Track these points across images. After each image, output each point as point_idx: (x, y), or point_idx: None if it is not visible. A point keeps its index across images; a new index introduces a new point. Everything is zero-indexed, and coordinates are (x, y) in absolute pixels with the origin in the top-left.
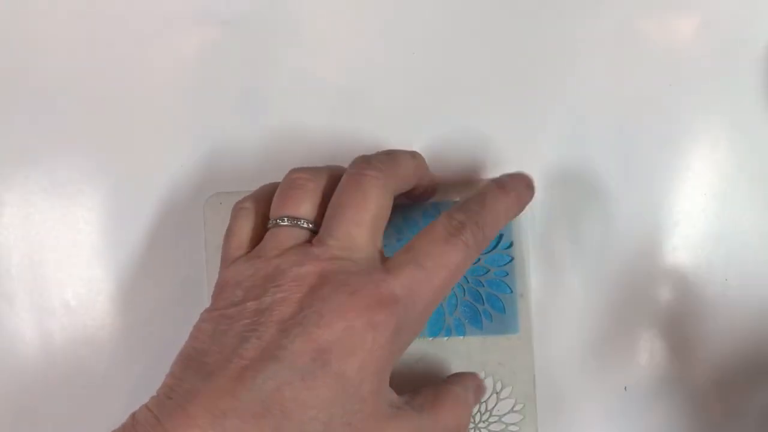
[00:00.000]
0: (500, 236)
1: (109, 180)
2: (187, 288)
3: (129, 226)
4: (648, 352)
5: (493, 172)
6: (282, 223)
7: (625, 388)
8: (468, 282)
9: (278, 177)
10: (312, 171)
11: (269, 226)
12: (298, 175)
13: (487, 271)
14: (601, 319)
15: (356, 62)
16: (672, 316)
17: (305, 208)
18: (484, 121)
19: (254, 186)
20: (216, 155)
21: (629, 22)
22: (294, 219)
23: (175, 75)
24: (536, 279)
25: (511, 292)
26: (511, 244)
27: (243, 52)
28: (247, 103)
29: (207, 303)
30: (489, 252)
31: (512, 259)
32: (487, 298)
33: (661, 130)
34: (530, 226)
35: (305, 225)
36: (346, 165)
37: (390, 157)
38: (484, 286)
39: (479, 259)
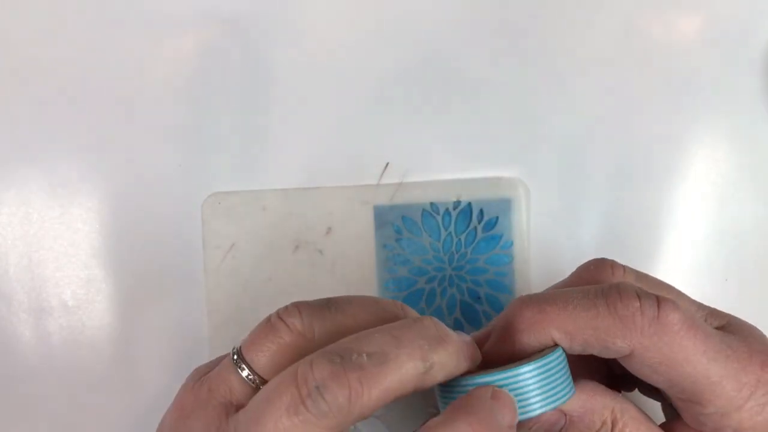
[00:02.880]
0: (500, 236)
1: (107, 180)
2: (185, 289)
3: (127, 226)
4: None
5: (493, 172)
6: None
7: None
8: (467, 282)
9: (278, 177)
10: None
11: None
12: (289, 319)
13: (487, 271)
14: None
15: (356, 62)
16: None
17: (263, 360)
18: (484, 121)
19: (253, 186)
20: (214, 155)
21: (630, 22)
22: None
23: (175, 75)
24: (537, 279)
25: (511, 292)
26: (511, 244)
27: (243, 52)
28: (246, 104)
29: (205, 303)
30: (489, 252)
31: (512, 259)
32: (487, 298)
33: (661, 130)
34: (530, 226)
35: (250, 379)
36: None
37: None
38: (483, 286)
39: (478, 259)
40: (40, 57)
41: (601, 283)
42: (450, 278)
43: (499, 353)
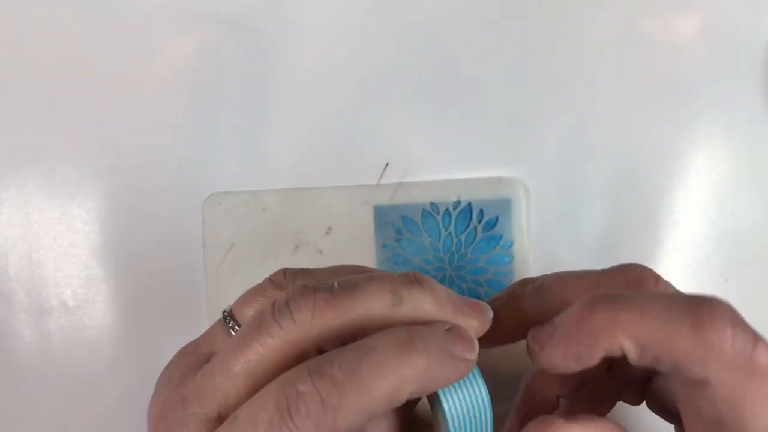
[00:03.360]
0: (500, 236)
1: (107, 180)
2: (185, 288)
3: (127, 226)
4: None
5: (493, 172)
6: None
7: None
8: (467, 282)
9: (278, 177)
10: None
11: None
12: (274, 277)
13: (487, 271)
14: None
15: (356, 62)
16: None
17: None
18: (484, 121)
19: (253, 186)
20: (214, 155)
21: (630, 22)
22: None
23: (175, 75)
24: None
25: None
26: (511, 244)
27: (243, 52)
28: (246, 103)
29: (205, 303)
30: (489, 252)
31: (512, 259)
32: (487, 297)
33: (661, 130)
34: (530, 226)
35: (234, 331)
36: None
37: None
38: (483, 285)
39: (478, 259)
40: (40, 57)
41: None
42: (450, 278)
43: (564, 356)
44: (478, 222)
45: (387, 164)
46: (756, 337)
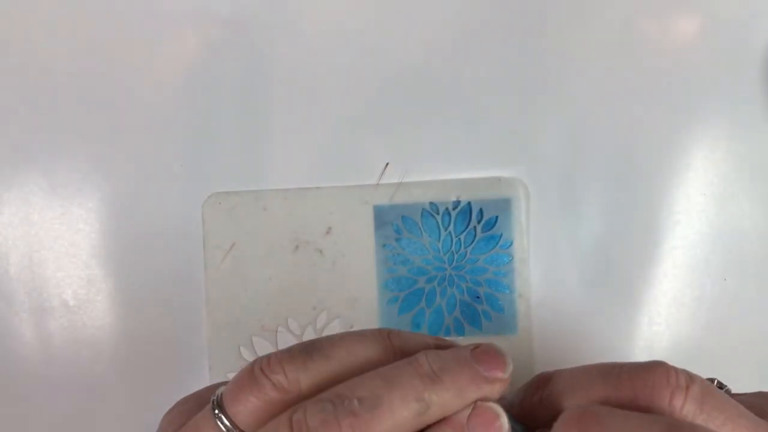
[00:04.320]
0: (500, 236)
1: (108, 180)
2: (185, 288)
3: (128, 226)
4: (647, 352)
5: (492, 172)
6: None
7: None
8: (467, 282)
9: (278, 177)
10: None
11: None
12: (273, 376)
13: (486, 271)
14: (600, 319)
15: (356, 62)
16: (671, 316)
17: (246, 415)
18: (483, 121)
19: (254, 186)
20: (215, 155)
21: (630, 22)
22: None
23: (175, 75)
24: (536, 279)
25: (510, 292)
26: (510, 244)
27: (243, 52)
28: (246, 103)
29: (205, 303)
30: (488, 252)
31: (511, 258)
32: (486, 297)
33: (660, 130)
34: (530, 225)
35: (225, 429)
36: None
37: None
38: (483, 285)
39: (478, 259)
40: (40, 57)
41: (653, 406)
42: (449, 278)
43: None
44: (478, 222)
45: (387, 164)
46: None
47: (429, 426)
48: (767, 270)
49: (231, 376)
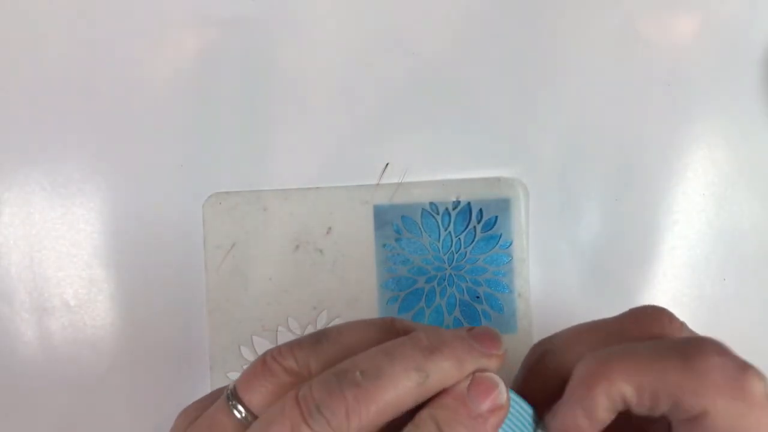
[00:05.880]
0: (499, 236)
1: (109, 180)
2: (186, 288)
3: (129, 226)
4: None
5: (492, 172)
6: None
7: None
8: (467, 281)
9: (278, 177)
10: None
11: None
12: (285, 362)
13: (486, 271)
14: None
15: (356, 62)
16: None
17: (260, 400)
18: (482, 121)
19: (254, 186)
20: (215, 155)
21: (629, 22)
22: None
23: (175, 75)
24: (535, 278)
25: (510, 291)
26: (510, 244)
27: (243, 52)
28: (247, 103)
29: (206, 303)
30: (488, 252)
31: (511, 258)
32: (486, 297)
33: (660, 130)
34: (529, 225)
35: (241, 415)
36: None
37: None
38: (482, 285)
39: (477, 259)
40: (40, 57)
41: (654, 335)
42: (449, 278)
43: (574, 416)
44: (477, 222)
45: (387, 164)
46: (745, 365)
47: (431, 398)
48: (767, 270)
49: (231, 375)
